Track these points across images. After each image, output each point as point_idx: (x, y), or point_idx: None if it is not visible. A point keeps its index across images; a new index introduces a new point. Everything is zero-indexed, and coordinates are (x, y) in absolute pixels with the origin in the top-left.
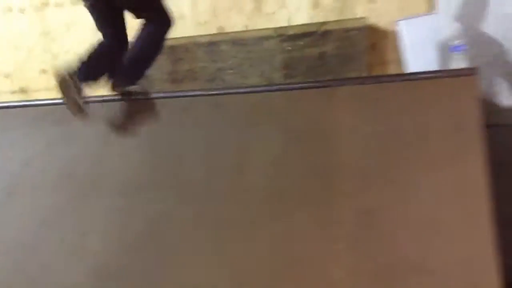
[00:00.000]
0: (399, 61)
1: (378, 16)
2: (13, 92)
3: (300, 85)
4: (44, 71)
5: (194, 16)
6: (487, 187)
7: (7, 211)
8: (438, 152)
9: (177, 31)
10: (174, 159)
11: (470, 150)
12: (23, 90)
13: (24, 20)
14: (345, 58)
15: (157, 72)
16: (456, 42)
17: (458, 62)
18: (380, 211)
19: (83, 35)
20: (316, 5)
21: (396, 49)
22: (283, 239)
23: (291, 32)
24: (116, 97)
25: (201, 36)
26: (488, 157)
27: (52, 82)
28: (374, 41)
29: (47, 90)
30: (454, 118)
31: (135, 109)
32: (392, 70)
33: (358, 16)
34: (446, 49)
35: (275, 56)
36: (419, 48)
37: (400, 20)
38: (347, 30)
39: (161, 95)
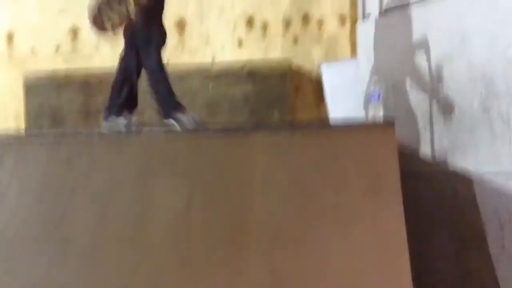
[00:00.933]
0: (322, 105)
1: (302, 58)
2: None
3: (209, 130)
4: None
5: (111, 48)
6: (405, 243)
7: None
8: (354, 206)
9: (93, 63)
10: (64, 206)
11: (387, 204)
12: None
13: None
14: (269, 99)
15: (66, 104)
16: (372, 90)
17: (374, 110)
18: (291, 270)
19: None
20: (240, 43)
21: (319, 92)
22: None
23: (215, 70)
24: None
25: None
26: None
27: None
28: (298, 83)
29: None
30: (371, 171)
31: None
32: (315, 113)
33: (280, 56)
34: (364, 95)
35: (198, 94)
36: (340, 92)
37: (323, 64)
38: (271, 71)
39: (49, 135)
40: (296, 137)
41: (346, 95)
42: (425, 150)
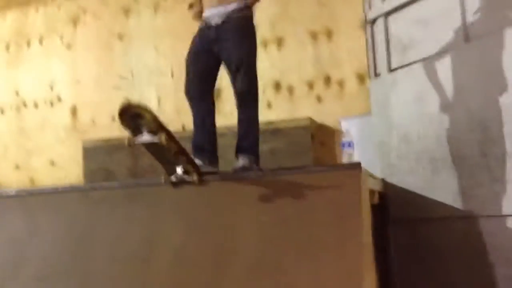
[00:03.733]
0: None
1: (325, 115)
2: None
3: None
4: (17, 167)
5: (159, 115)
6: (370, 269)
7: None
8: (321, 238)
9: None
10: (83, 248)
11: (352, 234)
12: None
13: (3, 120)
14: (294, 154)
15: (117, 166)
16: (344, 138)
17: (347, 155)
18: None
19: (55, 134)
20: (269, 105)
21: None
22: None
23: None
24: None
25: None
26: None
27: (24, 177)
28: (322, 138)
29: (20, 184)
30: (338, 205)
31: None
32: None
33: (306, 115)
34: (377, 145)
35: (229, 151)
36: (359, 144)
37: (342, 119)
38: (294, 128)
39: (80, 188)
40: (277, 180)
41: (364, 146)
42: (433, 195)
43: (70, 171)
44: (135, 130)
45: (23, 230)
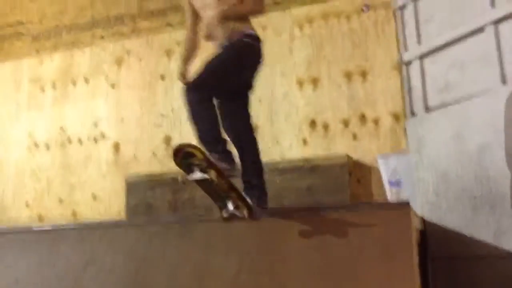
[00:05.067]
0: (383, 194)
1: (361, 153)
2: (31, 219)
3: (254, 214)
4: (60, 201)
5: None
6: None
7: None
8: (370, 272)
9: None
10: (139, 280)
11: (399, 270)
12: (40, 218)
13: (48, 155)
14: (331, 191)
15: (158, 201)
16: (389, 177)
17: (395, 193)
18: None
19: (98, 169)
20: (305, 142)
21: (379, 182)
22: None
23: (281, 166)
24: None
25: None
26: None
27: (67, 211)
28: (358, 175)
29: (62, 218)
30: (386, 247)
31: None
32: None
33: (342, 152)
34: (414, 184)
35: (268, 187)
36: (396, 181)
37: (379, 156)
38: (332, 166)
39: (135, 223)
40: (326, 217)
41: (401, 183)
42: (474, 233)
43: (111, 205)
44: (188, 169)
45: (80, 261)
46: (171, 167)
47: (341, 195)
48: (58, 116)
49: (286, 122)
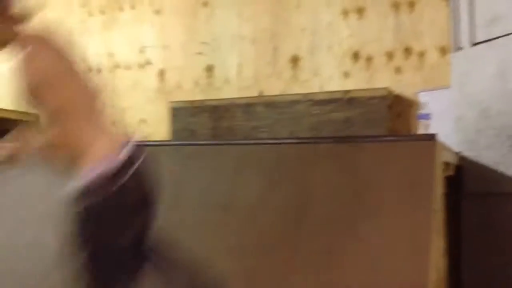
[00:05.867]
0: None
1: (404, 87)
2: None
3: (287, 140)
4: (113, 124)
5: (238, 82)
6: (437, 240)
7: None
8: (392, 204)
9: (223, 94)
10: (173, 197)
11: (421, 204)
12: None
13: (99, 80)
14: (368, 124)
15: (200, 127)
16: (422, 110)
17: (424, 126)
18: (342, 250)
19: (145, 94)
20: (346, 75)
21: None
22: (259, 267)
23: (319, 97)
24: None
25: (240, 98)
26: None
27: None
28: (399, 110)
29: None
30: (410, 177)
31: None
32: None
33: (384, 86)
34: (454, 120)
35: (304, 119)
36: (437, 118)
37: (421, 92)
38: (371, 98)
39: (173, 143)
40: (351, 146)
41: (441, 119)
42: (510, 171)
43: (158, 128)
44: None
45: None
46: (212, 96)
47: (379, 128)
48: (107, 42)
49: (328, 53)
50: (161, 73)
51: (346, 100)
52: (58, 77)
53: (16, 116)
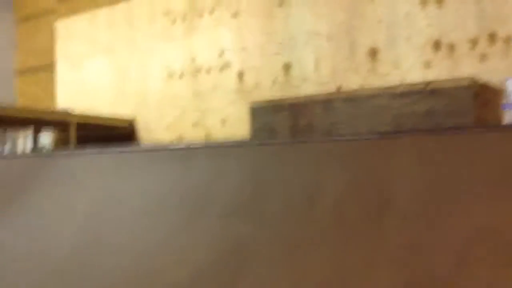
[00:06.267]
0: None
1: (489, 75)
2: (172, 140)
3: (364, 136)
4: (195, 125)
5: (316, 78)
6: None
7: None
8: (480, 197)
9: (301, 91)
10: (260, 192)
11: (506, 201)
12: (180, 138)
13: (182, 84)
14: (452, 115)
15: (279, 125)
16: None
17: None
18: (422, 246)
19: (225, 96)
20: (428, 65)
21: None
22: (340, 258)
23: (399, 90)
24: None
25: (318, 95)
26: None
27: (201, 134)
28: (485, 98)
29: (196, 139)
30: (499, 169)
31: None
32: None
33: (468, 75)
34: None
35: (384, 112)
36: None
37: (508, 78)
38: (455, 88)
39: (257, 142)
40: (434, 138)
41: None
42: None
43: (238, 128)
44: None
45: (210, 173)
46: (290, 93)
47: (464, 119)
48: (188, 47)
49: (407, 44)
50: (240, 74)
51: (428, 92)
52: None
53: (115, 123)
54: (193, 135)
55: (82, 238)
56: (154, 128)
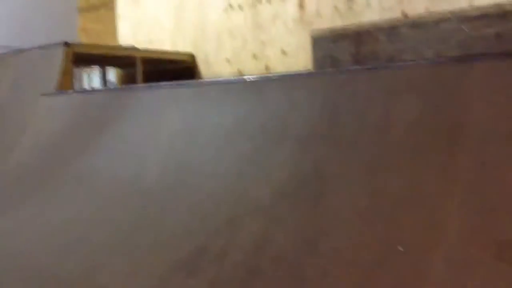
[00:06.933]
0: None
1: None
2: (232, 74)
3: (440, 59)
4: (255, 57)
5: (379, 4)
6: None
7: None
8: None
9: (364, 17)
10: (332, 119)
11: None
12: (240, 72)
13: (241, 15)
14: None
15: (342, 54)
16: None
17: None
18: (494, 164)
19: (285, 26)
20: None
21: None
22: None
23: (467, 14)
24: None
25: (382, 21)
26: None
27: (261, 65)
28: None
29: (257, 72)
30: None
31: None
32: None
33: None
34: None
35: (452, 37)
36: None
37: None
38: None
39: (329, 71)
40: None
41: None
42: None
43: (299, 59)
44: None
45: (283, 108)
46: (353, 21)
47: None
48: None
49: None
50: (301, 3)
51: (499, 15)
52: None
53: (176, 57)
54: (253, 67)
55: (169, 163)
56: (214, 61)
